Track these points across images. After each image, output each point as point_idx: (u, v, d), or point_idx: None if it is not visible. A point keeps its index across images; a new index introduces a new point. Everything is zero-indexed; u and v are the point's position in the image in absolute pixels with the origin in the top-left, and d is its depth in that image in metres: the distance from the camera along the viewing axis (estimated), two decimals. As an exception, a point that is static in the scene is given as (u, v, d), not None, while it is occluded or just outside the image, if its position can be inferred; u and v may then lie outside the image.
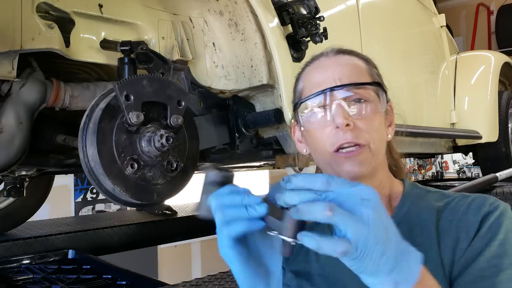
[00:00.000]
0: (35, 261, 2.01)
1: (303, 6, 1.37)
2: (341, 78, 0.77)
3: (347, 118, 0.73)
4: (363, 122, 0.74)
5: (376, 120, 0.76)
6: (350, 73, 0.77)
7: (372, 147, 0.74)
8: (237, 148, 1.46)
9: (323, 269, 0.80)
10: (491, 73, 2.98)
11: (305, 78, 0.83)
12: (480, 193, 2.55)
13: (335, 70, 0.78)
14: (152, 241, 2.80)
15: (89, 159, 0.97)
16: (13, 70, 1.08)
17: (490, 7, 6.78)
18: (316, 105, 0.77)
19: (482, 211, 0.71)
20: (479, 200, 0.73)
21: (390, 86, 0.82)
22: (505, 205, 0.72)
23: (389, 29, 2.32)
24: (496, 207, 0.71)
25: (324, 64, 0.81)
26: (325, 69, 0.79)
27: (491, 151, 3.00)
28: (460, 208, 0.73)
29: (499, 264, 0.65)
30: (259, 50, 1.33)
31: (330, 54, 0.82)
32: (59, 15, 1.16)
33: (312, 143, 0.80)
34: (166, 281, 1.83)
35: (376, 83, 0.78)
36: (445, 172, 7.32)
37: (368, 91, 0.76)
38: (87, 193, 4.08)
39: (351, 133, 0.73)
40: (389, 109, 0.83)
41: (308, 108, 0.78)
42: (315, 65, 0.82)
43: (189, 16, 1.39)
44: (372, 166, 0.75)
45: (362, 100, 0.75)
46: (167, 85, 1.07)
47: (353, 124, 0.73)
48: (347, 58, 0.81)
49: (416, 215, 0.76)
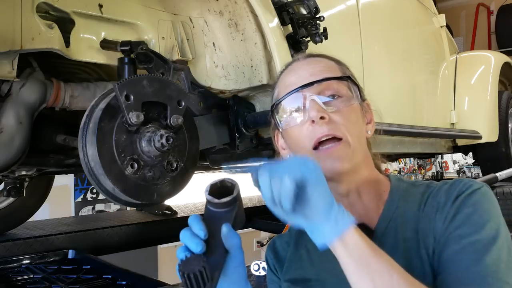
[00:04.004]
0: (35, 261, 2.00)
1: (303, 6, 1.37)
2: (313, 75, 0.78)
3: (322, 111, 0.74)
4: (338, 115, 0.75)
5: (352, 114, 0.77)
6: (321, 70, 0.79)
7: (351, 141, 0.75)
8: (237, 148, 1.46)
9: (319, 274, 0.81)
10: (491, 73, 2.98)
11: (279, 84, 0.85)
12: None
13: (306, 69, 0.80)
14: (152, 241, 2.80)
15: (89, 159, 0.97)
16: (13, 70, 1.08)
17: (490, 7, 6.78)
18: (290, 104, 0.78)
19: (456, 190, 0.72)
20: (457, 182, 0.75)
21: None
22: (479, 184, 0.73)
23: (389, 29, 2.32)
24: (469, 186, 0.72)
25: (295, 67, 0.83)
26: (296, 71, 0.82)
27: (491, 151, 3.00)
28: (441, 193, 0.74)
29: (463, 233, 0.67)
30: (259, 50, 1.33)
31: (301, 58, 0.85)
32: (59, 15, 1.16)
33: (292, 144, 0.80)
34: (166, 281, 1.83)
35: (346, 77, 0.80)
36: (445, 172, 7.32)
37: (340, 85, 0.78)
38: (87, 193, 4.08)
39: (327, 126, 0.74)
40: (366, 107, 0.84)
41: (283, 110, 0.80)
42: (288, 70, 0.85)
43: (189, 16, 1.39)
44: (353, 162, 0.75)
45: (336, 95, 0.77)
46: (167, 85, 1.07)
47: (328, 118, 0.74)
48: (317, 59, 0.84)
49: (405, 210, 0.77)
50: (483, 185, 0.73)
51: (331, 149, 0.74)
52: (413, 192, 0.79)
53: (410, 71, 2.48)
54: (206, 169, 2.30)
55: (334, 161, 0.74)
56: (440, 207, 0.72)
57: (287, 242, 0.90)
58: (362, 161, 0.78)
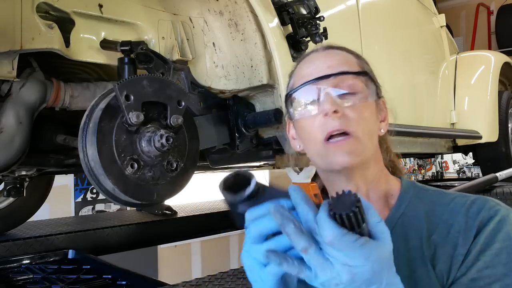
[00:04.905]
0: (35, 261, 2.01)
1: (303, 6, 1.37)
2: (330, 67, 0.76)
3: (335, 104, 0.73)
4: (352, 110, 0.74)
5: (366, 110, 0.75)
6: (338, 63, 0.77)
7: (362, 137, 0.73)
8: (237, 148, 1.46)
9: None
10: (491, 73, 2.98)
11: (296, 73, 0.83)
12: (480, 193, 2.56)
13: (323, 61, 0.78)
14: (152, 241, 2.80)
15: (89, 159, 0.97)
16: (13, 70, 1.08)
17: (490, 7, 6.78)
18: (304, 96, 0.77)
19: (481, 216, 0.69)
20: (479, 202, 0.71)
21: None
22: (506, 209, 0.70)
23: (389, 29, 2.32)
24: (496, 212, 0.69)
25: (313, 58, 0.81)
26: (313, 62, 0.80)
27: (491, 151, 3.00)
28: (459, 209, 0.72)
29: (492, 274, 0.63)
30: (259, 50, 1.33)
31: (320, 49, 0.83)
32: (59, 15, 1.16)
33: (304, 134, 0.79)
34: (166, 281, 1.83)
35: (364, 72, 0.78)
36: (445, 172, 7.32)
37: (357, 81, 0.76)
38: (87, 193, 4.07)
39: (339, 121, 0.72)
40: (382, 105, 0.82)
41: (297, 100, 0.78)
42: (305, 60, 0.83)
43: (189, 16, 1.39)
44: (362, 157, 0.74)
45: (352, 89, 0.75)
46: (167, 85, 1.07)
47: (341, 112, 0.73)
48: (336, 51, 0.81)
49: (412, 217, 0.75)
50: (510, 210, 0.70)
51: (340, 142, 0.72)
52: (424, 198, 0.77)
53: (410, 71, 2.48)
54: (206, 169, 2.30)
55: (343, 154, 0.72)
56: (461, 230, 0.69)
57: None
58: (371, 159, 0.77)
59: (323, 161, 0.76)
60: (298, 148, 0.84)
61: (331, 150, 0.73)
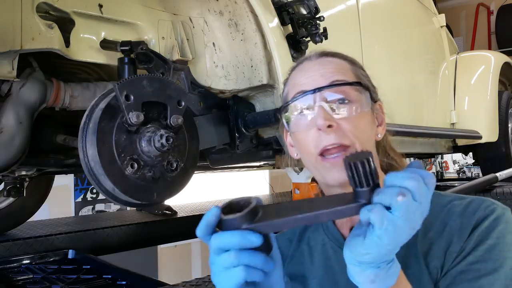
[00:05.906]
0: (35, 261, 2.01)
1: (303, 6, 1.37)
2: (323, 76, 0.75)
3: (329, 119, 0.71)
4: (347, 122, 0.72)
5: (362, 120, 0.74)
6: (332, 72, 0.76)
7: (358, 149, 0.71)
8: (237, 148, 1.46)
9: (317, 273, 0.80)
10: (491, 73, 2.98)
11: (289, 82, 0.82)
12: (480, 193, 2.55)
13: (316, 71, 0.77)
14: (152, 241, 2.80)
15: (89, 159, 0.97)
16: (13, 70, 1.08)
17: (490, 7, 6.78)
18: (298, 108, 0.76)
19: (477, 215, 0.69)
20: (475, 203, 0.71)
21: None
22: (503, 208, 0.70)
23: (389, 29, 2.32)
24: (492, 211, 0.69)
25: (306, 67, 0.80)
26: (306, 71, 0.79)
27: (491, 151, 3.00)
28: (455, 210, 0.72)
29: (482, 268, 0.64)
30: (259, 50, 1.33)
31: (313, 57, 0.81)
32: (59, 15, 1.16)
33: (299, 146, 0.78)
34: (166, 281, 1.83)
35: (357, 82, 0.76)
36: (445, 172, 7.31)
37: (351, 90, 0.74)
38: (87, 193, 4.08)
39: (335, 134, 0.71)
40: (379, 109, 0.81)
41: (291, 112, 0.77)
42: (298, 68, 0.81)
43: (189, 16, 1.39)
44: None
45: (346, 100, 0.73)
46: (167, 85, 1.07)
47: (336, 125, 0.71)
48: (330, 59, 0.80)
49: None
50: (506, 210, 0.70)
51: (337, 159, 0.71)
52: None
53: (410, 71, 2.48)
54: (206, 169, 2.30)
55: (339, 172, 0.70)
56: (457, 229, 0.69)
57: (289, 238, 0.89)
58: None
59: (319, 174, 0.75)
60: (295, 156, 0.84)
61: (327, 166, 0.72)
